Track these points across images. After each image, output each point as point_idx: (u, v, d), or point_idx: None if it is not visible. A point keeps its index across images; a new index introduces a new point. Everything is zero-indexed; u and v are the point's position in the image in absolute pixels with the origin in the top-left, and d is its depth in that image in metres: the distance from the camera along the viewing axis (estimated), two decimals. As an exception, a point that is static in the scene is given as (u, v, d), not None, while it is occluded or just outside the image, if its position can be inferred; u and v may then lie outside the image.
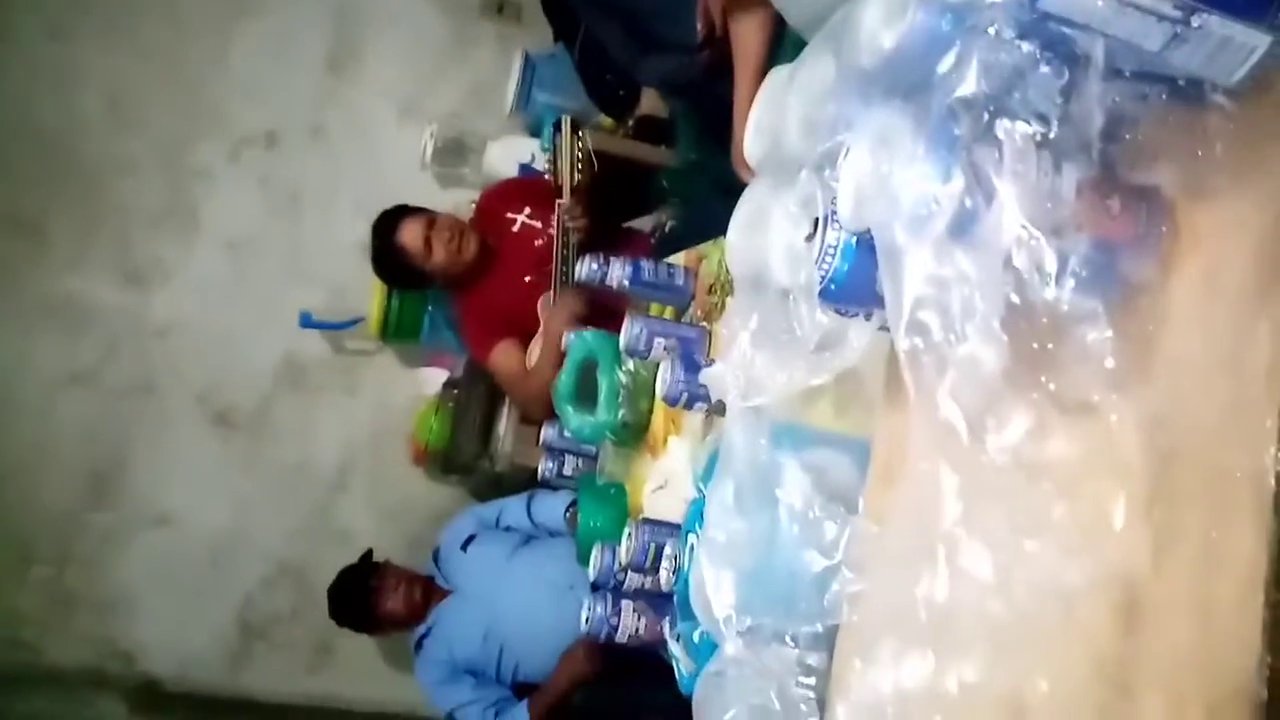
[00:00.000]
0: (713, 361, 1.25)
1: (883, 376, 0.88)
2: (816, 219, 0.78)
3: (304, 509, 3.19)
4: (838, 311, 0.81)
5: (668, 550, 1.50)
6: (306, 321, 3.08)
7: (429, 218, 2.55)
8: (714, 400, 1.38)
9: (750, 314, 0.89)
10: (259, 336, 3.14)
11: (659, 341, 1.66)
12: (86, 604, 3.03)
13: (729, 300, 1.64)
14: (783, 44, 1.73)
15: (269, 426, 3.17)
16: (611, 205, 2.61)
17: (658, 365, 1.56)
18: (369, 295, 2.96)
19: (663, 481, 1.74)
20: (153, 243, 3.08)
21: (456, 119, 3.21)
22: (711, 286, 1.74)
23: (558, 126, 2.33)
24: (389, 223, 2.56)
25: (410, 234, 2.52)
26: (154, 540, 3.08)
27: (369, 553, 2.80)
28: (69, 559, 3.02)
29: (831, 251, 0.77)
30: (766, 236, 0.86)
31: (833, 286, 0.78)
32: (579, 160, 2.30)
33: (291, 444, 3.19)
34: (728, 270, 1.58)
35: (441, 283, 2.64)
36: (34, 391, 3.00)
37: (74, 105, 3.01)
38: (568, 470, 2.12)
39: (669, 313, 1.86)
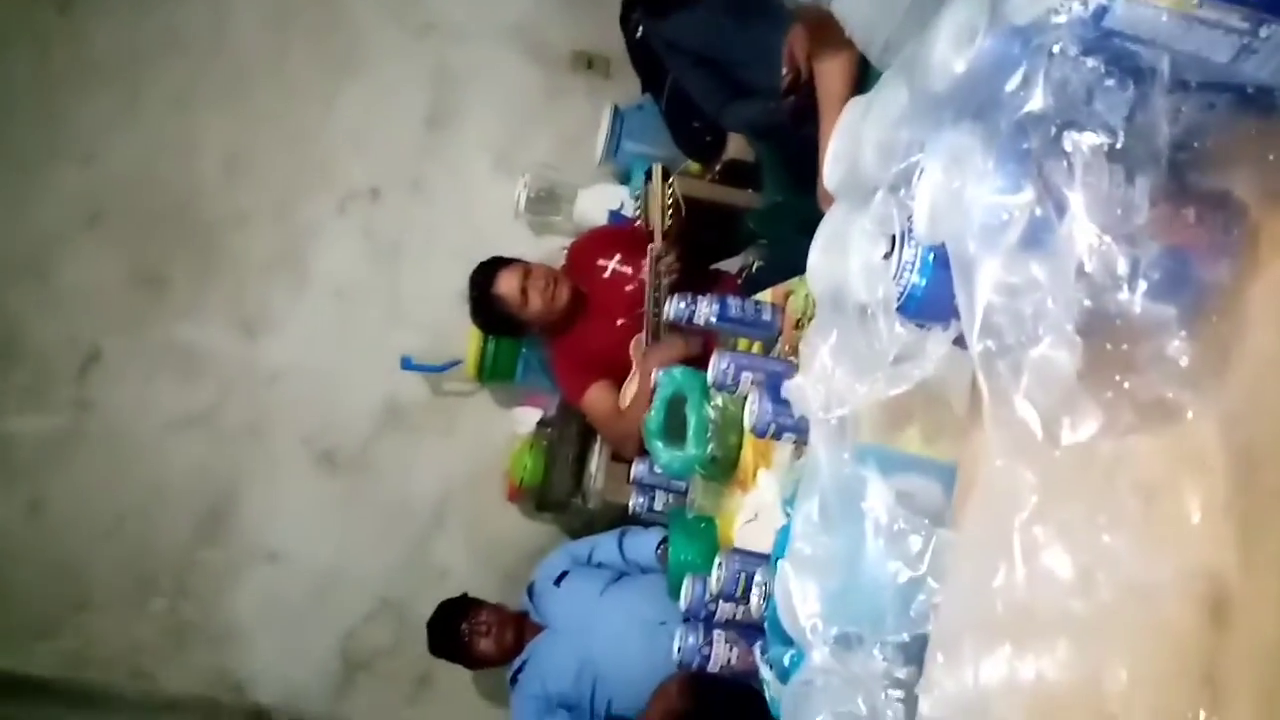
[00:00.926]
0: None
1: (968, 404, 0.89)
2: (893, 236, 0.81)
3: (403, 545, 3.28)
4: (916, 325, 0.83)
5: (757, 579, 1.50)
6: (407, 365, 3.19)
7: (524, 268, 2.64)
8: (798, 418, 1.38)
9: (830, 330, 0.92)
10: (362, 380, 3.27)
11: (746, 375, 1.66)
12: (201, 636, 3.18)
13: (816, 332, 1.64)
14: (866, 84, 1.76)
15: (371, 466, 3.28)
16: (700, 248, 2.66)
17: (745, 399, 1.56)
18: (466, 339, 3.05)
19: (753, 515, 1.74)
20: (265, 292, 3.25)
21: (548, 169, 3.31)
22: (799, 321, 1.74)
23: (648, 175, 2.39)
24: (486, 274, 2.65)
25: (507, 284, 2.60)
26: (263, 576, 3.21)
27: (464, 595, 2.86)
28: (184, 592, 3.17)
29: (909, 266, 0.81)
30: (845, 255, 0.89)
31: (911, 300, 0.81)
32: (669, 206, 2.36)
33: (392, 483, 3.29)
34: (815, 304, 1.59)
35: (536, 329, 2.72)
36: (153, 434, 3.17)
37: (193, 165, 3.23)
38: (658, 506, 2.14)
39: (757, 348, 1.88)
